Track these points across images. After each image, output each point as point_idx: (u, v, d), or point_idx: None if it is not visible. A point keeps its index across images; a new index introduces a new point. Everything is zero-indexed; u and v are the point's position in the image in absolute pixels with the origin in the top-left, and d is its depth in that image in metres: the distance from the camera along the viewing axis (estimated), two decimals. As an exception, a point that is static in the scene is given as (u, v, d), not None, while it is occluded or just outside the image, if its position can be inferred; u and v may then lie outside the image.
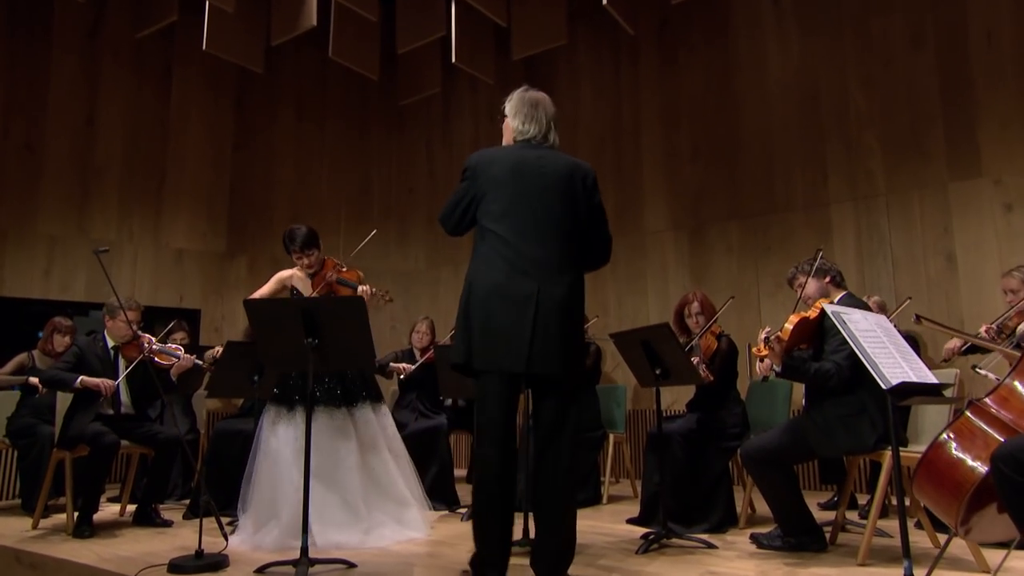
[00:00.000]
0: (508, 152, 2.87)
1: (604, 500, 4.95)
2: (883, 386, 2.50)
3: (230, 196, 7.21)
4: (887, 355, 2.59)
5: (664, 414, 5.63)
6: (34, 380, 4.76)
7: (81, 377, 4.07)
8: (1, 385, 4.96)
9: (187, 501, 4.99)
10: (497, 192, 2.78)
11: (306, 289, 3.87)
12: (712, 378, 3.72)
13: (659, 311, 6.32)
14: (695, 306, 4.11)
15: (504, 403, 2.66)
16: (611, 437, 5.19)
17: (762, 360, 3.25)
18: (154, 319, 6.62)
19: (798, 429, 3.21)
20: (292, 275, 3.94)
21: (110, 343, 4.30)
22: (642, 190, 6.57)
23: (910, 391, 2.51)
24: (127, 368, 4.20)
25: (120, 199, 6.69)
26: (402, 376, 5.22)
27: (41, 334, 5.23)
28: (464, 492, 5.13)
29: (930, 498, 2.37)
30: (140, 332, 4.27)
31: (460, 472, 6.17)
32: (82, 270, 6.43)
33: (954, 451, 2.34)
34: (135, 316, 4.32)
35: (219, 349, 5.29)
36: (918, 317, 2.71)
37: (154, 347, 4.25)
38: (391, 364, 5.26)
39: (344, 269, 3.88)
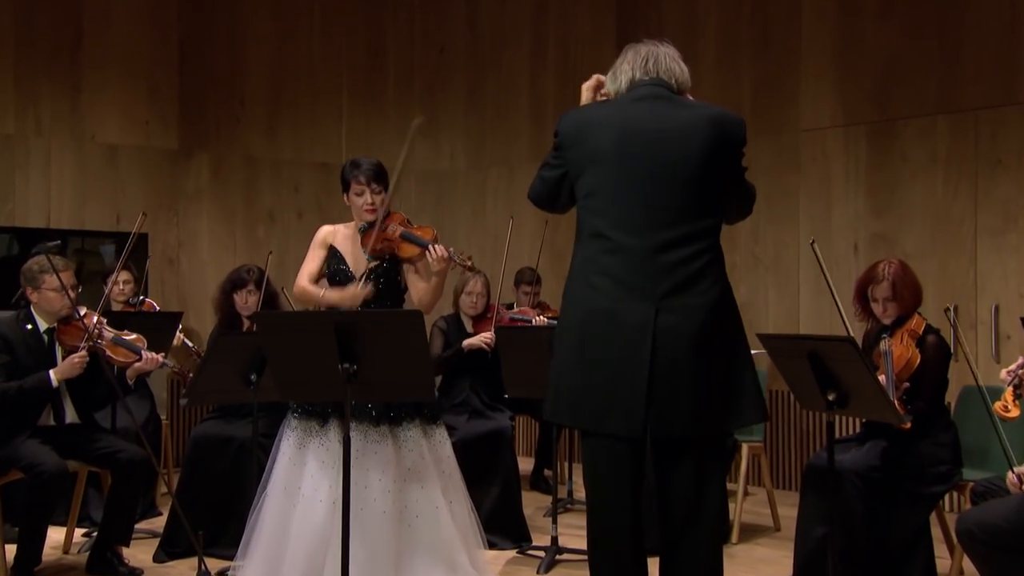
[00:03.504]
0: (612, 111, 2.92)
1: (734, 538, 5.18)
2: None
3: (180, 67, 7.31)
4: None
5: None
6: None
7: (52, 371, 4.31)
8: None
9: (152, 522, 5.33)
10: (597, 172, 2.84)
11: (353, 250, 4.02)
12: (909, 425, 3.78)
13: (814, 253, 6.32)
14: (883, 287, 4.13)
15: (619, 482, 2.81)
16: (744, 448, 5.36)
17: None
18: (83, 255, 6.86)
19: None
20: (336, 231, 4.09)
21: (41, 325, 4.51)
22: (798, 63, 6.47)
23: None
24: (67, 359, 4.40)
25: (17, 74, 6.81)
26: (488, 349, 5.34)
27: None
28: (538, 523, 5.36)
29: None
30: (83, 308, 4.44)
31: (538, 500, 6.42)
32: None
33: None
34: (70, 279, 4.49)
35: (194, 346, 5.50)
36: None
37: (105, 333, 4.44)
38: (465, 344, 5.40)
39: (413, 225, 4.00)
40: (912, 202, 6.01)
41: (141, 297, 6.07)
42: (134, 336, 4.55)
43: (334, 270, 4.00)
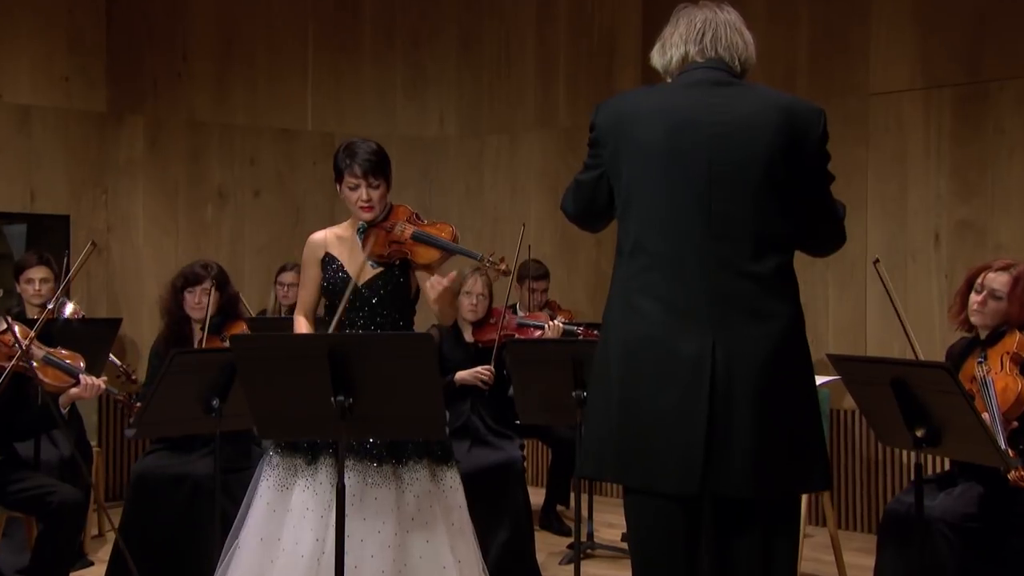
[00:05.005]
0: (660, 100, 2.93)
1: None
2: None
3: (108, 10, 7.31)
4: None
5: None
6: None
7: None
8: None
9: (80, 574, 5.36)
10: (643, 174, 2.87)
11: (352, 257, 4.03)
12: (1021, 475, 3.80)
13: (886, 240, 6.38)
14: (1001, 280, 4.09)
15: (671, 548, 2.85)
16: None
17: None
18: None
19: None
20: (326, 237, 4.11)
21: (-45, 336, 4.51)
22: (867, 12, 6.50)
23: None
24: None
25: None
26: (486, 387, 5.43)
27: None
28: (553, 573, 5.41)
29: None
30: (7, 318, 4.45)
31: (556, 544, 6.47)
32: None
33: None
34: None
35: (123, 364, 5.49)
36: None
37: (35, 351, 4.45)
38: (456, 378, 5.47)
39: (424, 221, 4.00)
40: (1007, 183, 6.05)
41: (64, 300, 6.00)
42: (68, 354, 4.56)
43: (334, 281, 4.01)
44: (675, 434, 2.78)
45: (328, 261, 4.05)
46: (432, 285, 3.85)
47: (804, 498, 5.39)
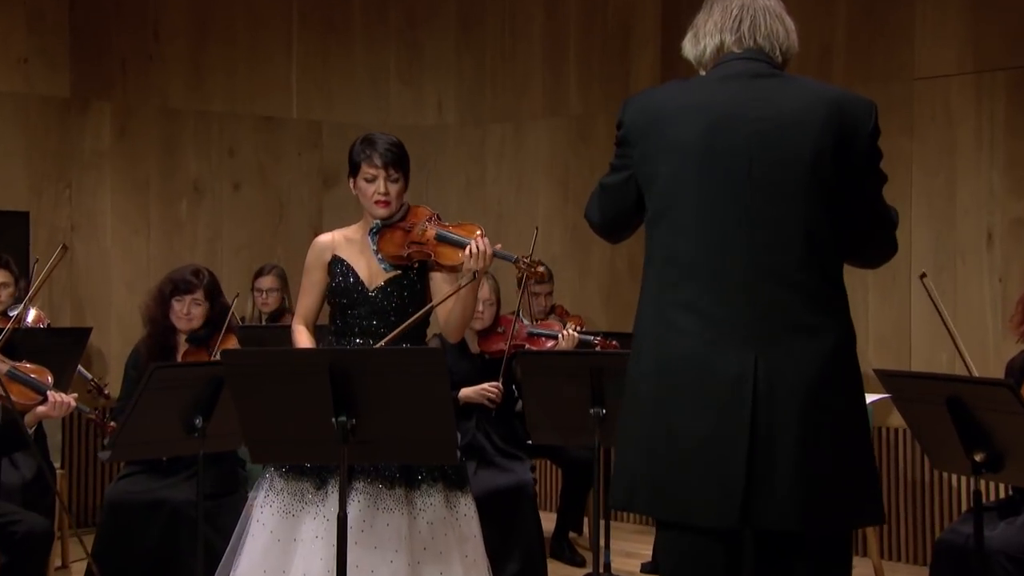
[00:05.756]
0: (694, 94, 2.94)
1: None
2: None
3: (72, -16, 7.28)
4: None
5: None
6: None
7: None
8: None
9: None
10: (677, 176, 2.87)
11: (364, 259, 4.05)
12: None
13: (933, 240, 6.40)
14: None
15: None
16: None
17: None
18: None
19: None
20: (334, 239, 4.14)
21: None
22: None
23: None
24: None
25: None
26: (493, 406, 5.45)
27: None
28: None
29: None
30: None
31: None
32: None
33: None
34: None
35: (94, 378, 5.49)
36: None
37: (-1, 366, 4.46)
38: (461, 396, 5.47)
39: (447, 223, 4.03)
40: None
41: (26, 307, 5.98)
42: (33, 368, 4.56)
43: (343, 287, 4.02)
44: (713, 461, 2.77)
45: (335, 263, 4.06)
46: (475, 250, 3.82)
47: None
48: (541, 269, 3.92)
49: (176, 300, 5.14)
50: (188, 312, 5.13)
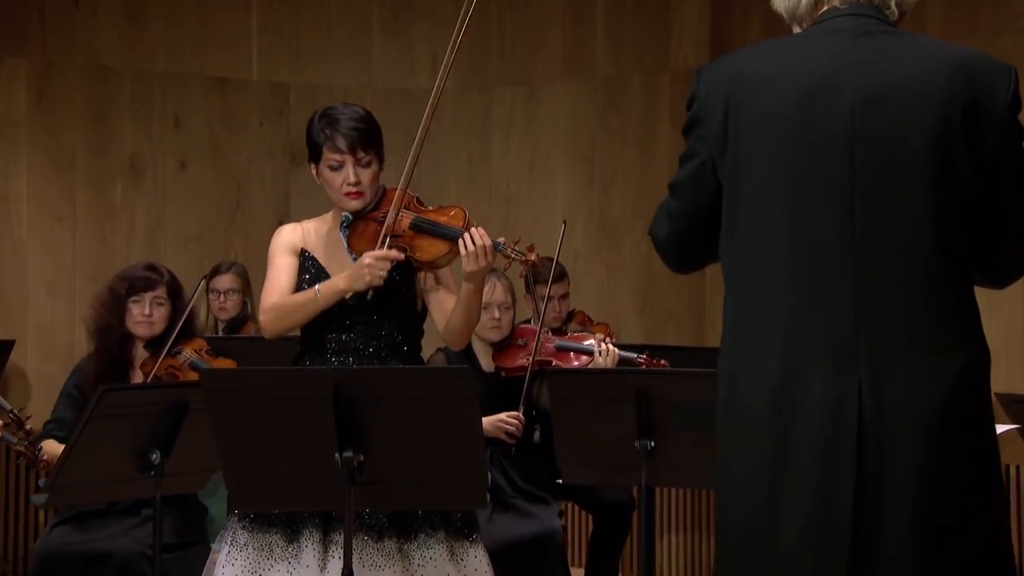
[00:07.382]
0: (787, 57, 2.94)
1: None
2: None
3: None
4: None
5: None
6: None
7: None
8: None
9: None
10: (763, 155, 2.87)
11: (335, 255, 4.08)
12: None
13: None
14: None
15: None
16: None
17: None
18: None
19: None
20: (304, 230, 4.17)
21: None
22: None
23: None
24: None
25: None
26: (513, 441, 5.47)
27: None
28: None
29: None
30: None
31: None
32: None
33: None
34: None
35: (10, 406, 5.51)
36: None
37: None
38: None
39: (426, 207, 4.06)
40: None
41: None
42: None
43: (313, 284, 4.02)
44: (810, 511, 2.76)
45: (305, 259, 4.09)
46: (472, 240, 3.85)
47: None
48: (534, 257, 3.94)
49: (133, 301, 5.14)
50: (149, 313, 5.13)
